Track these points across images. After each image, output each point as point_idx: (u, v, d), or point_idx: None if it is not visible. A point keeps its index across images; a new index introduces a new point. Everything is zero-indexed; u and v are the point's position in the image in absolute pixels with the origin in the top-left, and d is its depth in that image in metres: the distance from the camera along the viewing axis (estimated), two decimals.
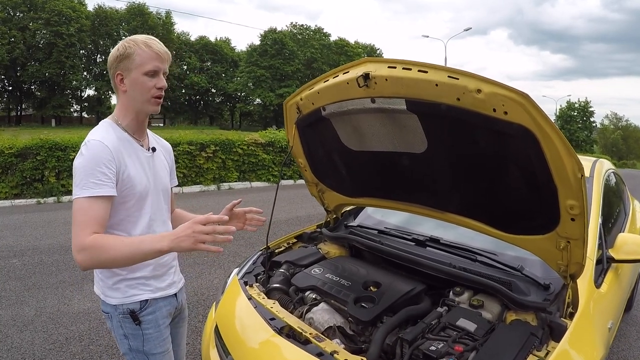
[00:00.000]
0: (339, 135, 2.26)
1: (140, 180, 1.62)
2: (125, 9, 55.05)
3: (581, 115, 58.60)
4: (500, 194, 1.89)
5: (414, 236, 2.64)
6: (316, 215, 7.97)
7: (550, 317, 1.83)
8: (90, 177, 1.47)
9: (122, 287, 1.65)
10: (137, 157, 1.65)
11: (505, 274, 2.16)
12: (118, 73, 1.59)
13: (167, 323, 1.77)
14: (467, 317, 1.90)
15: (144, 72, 1.56)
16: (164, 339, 1.74)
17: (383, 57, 12.75)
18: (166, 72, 1.64)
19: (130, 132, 1.66)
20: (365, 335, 2.01)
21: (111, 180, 1.50)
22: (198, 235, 1.35)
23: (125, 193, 1.58)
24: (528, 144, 1.56)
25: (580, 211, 1.63)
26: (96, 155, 1.49)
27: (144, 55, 1.56)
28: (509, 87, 1.49)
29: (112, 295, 1.65)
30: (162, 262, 1.73)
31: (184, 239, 1.36)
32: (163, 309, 1.73)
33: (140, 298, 1.66)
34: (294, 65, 57.60)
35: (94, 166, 1.48)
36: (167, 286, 1.75)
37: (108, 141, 1.54)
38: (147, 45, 1.57)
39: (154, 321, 1.70)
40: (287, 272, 2.55)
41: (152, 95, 1.60)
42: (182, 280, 1.92)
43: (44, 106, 51.22)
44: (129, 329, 1.67)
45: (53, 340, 3.63)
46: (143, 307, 1.67)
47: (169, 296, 1.77)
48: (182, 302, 1.92)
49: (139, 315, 1.66)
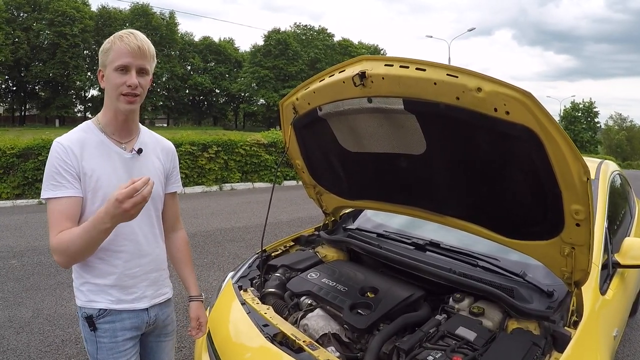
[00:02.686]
0: (336, 136, 2.21)
1: (108, 183, 1.54)
2: (129, 10, 55.40)
3: (585, 116, 58.52)
4: (502, 197, 1.83)
5: (414, 240, 2.59)
6: (318, 217, 7.88)
7: (554, 326, 1.78)
8: (49, 178, 1.50)
9: (84, 290, 1.61)
10: (110, 159, 1.58)
11: (507, 280, 2.10)
12: (99, 69, 1.56)
13: (128, 336, 1.65)
14: (466, 326, 1.84)
15: (115, 67, 1.49)
16: (121, 351, 1.64)
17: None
18: (144, 69, 1.54)
19: (109, 132, 1.60)
20: (361, 343, 1.96)
21: (67, 180, 1.49)
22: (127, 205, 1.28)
23: (89, 194, 1.53)
24: (531, 145, 1.50)
25: (586, 216, 1.56)
26: (53, 157, 1.50)
27: (117, 50, 1.49)
28: (511, 86, 1.42)
29: (77, 296, 1.63)
30: (130, 272, 1.63)
31: (120, 214, 1.31)
32: (126, 321, 1.64)
33: (99, 306, 1.60)
34: (298, 65, 57.79)
35: (51, 167, 1.50)
36: (133, 299, 1.65)
37: (68, 142, 1.52)
38: (121, 39, 1.50)
39: (111, 331, 1.62)
40: (283, 277, 2.50)
41: (120, 92, 1.51)
42: (165, 295, 1.79)
43: (48, 106, 51.60)
44: (86, 332, 1.64)
45: (49, 343, 3.61)
46: (101, 314, 1.60)
47: (136, 310, 1.66)
48: (160, 316, 1.78)
49: (96, 322, 1.61)
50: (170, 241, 1.88)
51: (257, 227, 7.54)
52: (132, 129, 1.65)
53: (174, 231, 1.90)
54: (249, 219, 8.31)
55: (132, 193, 1.27)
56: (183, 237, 1.93)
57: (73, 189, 1.49)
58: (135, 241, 1.63)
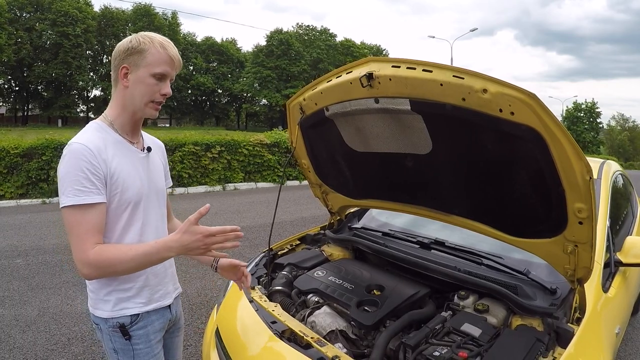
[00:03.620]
0: (343, 136, 2.24)
1: (133, 184, 1.53)
2: (132, 10, 55.40)
3: (588, 116, 58.26)
4: (506, 196, 1.86)
5: (419, 239, 2.61)
6: (321, 217, 7.94)
7: (557, 323, 1.80)
8: (74, 183, 1.38)
9: (112, 300, 1.56)
10: (130, 159, 1.56)
11: (511, 277, 2.12)
12: (124, 66, 1.48)
13: (159, 338, 1.67)
14: (471, 322, 1.87)
15: (153, 73, 1.47)
16: (155, 354, 1.64)
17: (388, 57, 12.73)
18: (172, 79, 1.56)
19: (123, 133, 1.57)
20: (368, 340, 1.98)
21: (96, 186, 1.41)
22: (209, 244, 1.38)
23: (116, 197, 1.49)
24: (535, 145, 1.53)
25: (589, 214, 1.59)
26: (79, 159, 1.40)
27: (157, 55, 1.47)
28: (516, 87, 1.45)
29: (102, 308, 1.57)
30: (155, 271, 1.63)
31: (194, 249, 1.38)
32: (155, 322, 1.65)
33: (131, 312, 1.57)
34: (300, 65, 57.72)
35: (77, 171, 1.39)
36: (160, 297, 1.65)
37: (92, 144, 1.44)
38: (162, 46, 1.49)
39: (145, 336, 1.61)
40: (290, 275, 2.53)
41: (152, 99, 1.51)
42: (178, 289, 1.83)
43: (51, 106, 51.68)
44: (118, 343, 1.58)
45: (55, 341, 3.64)
46: (134, 321, 1.58)
47: (162, 308, 1.67)
48: (177, 312, 1.81)
49: (129, 330, 1.57)
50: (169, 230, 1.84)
51: (260, 227, 7.55)
52: (139, 129, 1.66)
53: (170, 221, 1.90)
54: (252, 218, 8.33)
55: (221, 233, 1.37)
56: (179, 222, 1.91)
57: (101, 195, 1.43)
58: (157, 237, 1.60)
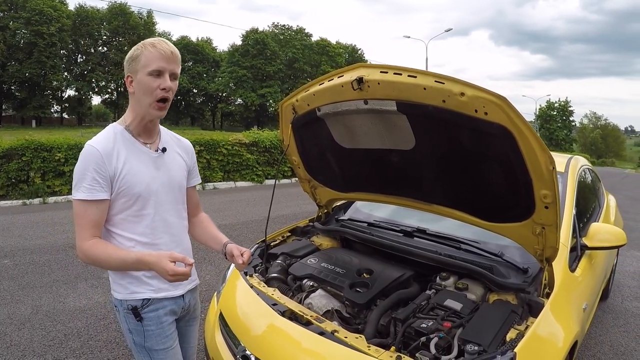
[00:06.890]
0: (333, 134, 2.42)
1: (141, 180, 1.67)
2: (107, 9, 54.39)
3: (561, 115, 59.58)
4: (482, 186, 2.08)
5: (402, 227, 2.81)
6: (301, 214, 8.05)
7: (529, 297, 2.02)
8: (82, 180, 1.58)
9: (124, 283, 1.70)
10: (141, 158, 1.70)
11: (487, 259, 2.34)
12: (128, 75, 1.65)
13: (170, 320, 1.78)
14: (453, 298, 2.09)
15: (148, 72, 1.59)
16: (167, 335, 1.76)
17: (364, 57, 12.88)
18: (174, 74, 1.66)
19: (135, 134, 1.71)
20: (361, 318, 2.18)
21: (100, 184, 1.59)
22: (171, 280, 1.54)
23: (125, 193, 1.64)
24: (506, 141, 1.75)
25: (553, 200, 1.82)
26: (87, 159, 1.59)
27: (149, 55, 1.59)
28: (489, 91, 1.68)
29: (118, 290, 1.72)
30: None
31: (160, 273, 1.55)
32: (167, 307, 1.76)
33: (142, 296, 1.70)
34: (276, 65, 57.27)
35: (85, 170, 1.58)
36: (170, 287, 1.75)
37: (102, 145, 1.61)
38: (152, 45, 1.61)
39: (156, 318, 1.73)
40: (284, 263, 2.70)
41: (156, 97, 1.62)
42: (195, 282, 1.93)
43: (24, 107, 50.14)
44: (132, 324, 1.72)
45: (52, 337, 3.66)
46: (145, 304, 1.71)
47: (174, 297, 1.79)
48: (192, 302, 1.92)
49: (141, 312, 1.70)
50: (194, 222, 2.02)
51: (242, 225, 7.71)
52: (155, 131, 1.80)
53: (196, 215, 2.05)
54: (234, 217, 8.44)
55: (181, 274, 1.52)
56: (205, 215, 2.10)
57: (105, 192, 1.60)
58: (170, 233, 1.77)
